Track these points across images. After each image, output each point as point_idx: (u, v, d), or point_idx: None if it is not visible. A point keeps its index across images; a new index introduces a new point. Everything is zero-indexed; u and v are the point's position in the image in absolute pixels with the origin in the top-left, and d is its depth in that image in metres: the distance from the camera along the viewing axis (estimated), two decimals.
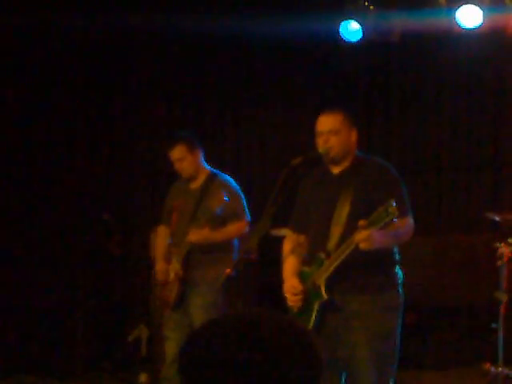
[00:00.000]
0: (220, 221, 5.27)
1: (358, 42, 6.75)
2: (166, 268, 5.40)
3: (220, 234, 5.29)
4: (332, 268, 4.02)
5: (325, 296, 4.04)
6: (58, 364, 6.75)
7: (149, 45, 7.59)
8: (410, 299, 4.27)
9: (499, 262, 5.35)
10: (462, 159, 7.73)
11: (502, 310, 5.38)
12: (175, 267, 5.32)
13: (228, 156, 7.83)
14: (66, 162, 7.33)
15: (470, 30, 6.46)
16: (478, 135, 7.69)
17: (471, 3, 6.35)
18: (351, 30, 6.73)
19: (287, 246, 4.41)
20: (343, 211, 4.10)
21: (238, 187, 5.47)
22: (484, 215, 5.54)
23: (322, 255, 4.09)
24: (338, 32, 6.75)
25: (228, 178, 5.51)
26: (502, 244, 5.33)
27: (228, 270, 4.02)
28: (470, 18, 6.40)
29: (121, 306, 7.07)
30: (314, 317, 4.08)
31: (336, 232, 4.09)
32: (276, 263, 4.49)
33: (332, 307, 4.07)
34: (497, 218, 5.47)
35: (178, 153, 5.39)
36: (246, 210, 5.42)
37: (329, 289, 4.04)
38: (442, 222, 7.60)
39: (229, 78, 7.77)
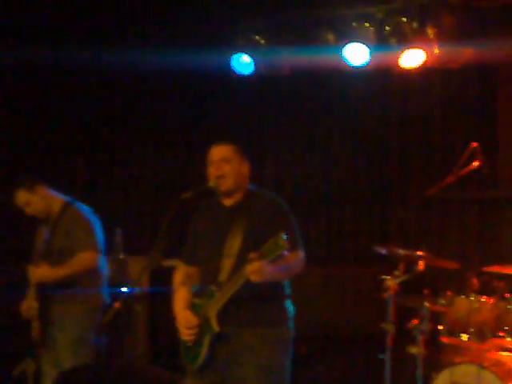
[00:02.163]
0: (67, 254, 5.14)
1: (249, 74, 6.84)
2: (27, 305, 5.23)
3: (62, 270, 5.11)
4: (224, 300, 4.00)
5: (216, 328, 4.01)
6: None
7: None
8: (299, 330, 4.28)
9: (386, 295, 5.46)
10: (351, 193, 7.89)
11: (388, 341, 5.48)
12: (33, 305, 5.18)
13: (121, 191, 7.73)
14: None
15: (357, 67, 6.65)
16: (367, 170, 7.87)
17: (358, 41, 6.54)
18: (242, 62, 6.81)
19: (178, 278, 4.38)
20: (235, 243, 4.10)
21: (90, 216, 5.30)
22: (372, 248, 5.65)
23: (214, 287, 4.06)
24: (230, 65, 6.83)
25: (82, 206, 5.35)
26: (389, 277, 5.45)
27: (117, 304, 3.92)
28: (356, 55, 6.59)
29: (6, 339, 6.80)
30: (205, 350, 4.05)
31: (227, 264, 4.07)
32: (168, 295, 4.42)
33: (223, 340, 4.04)
34: (384, 252, 5.58)
35: (21, 198, 5.24)
36: (96, 240, 5.22)
37: (220, 321, 4.02)
38: (332, 255, 7.72)
39: (119, 109, 7.68)
